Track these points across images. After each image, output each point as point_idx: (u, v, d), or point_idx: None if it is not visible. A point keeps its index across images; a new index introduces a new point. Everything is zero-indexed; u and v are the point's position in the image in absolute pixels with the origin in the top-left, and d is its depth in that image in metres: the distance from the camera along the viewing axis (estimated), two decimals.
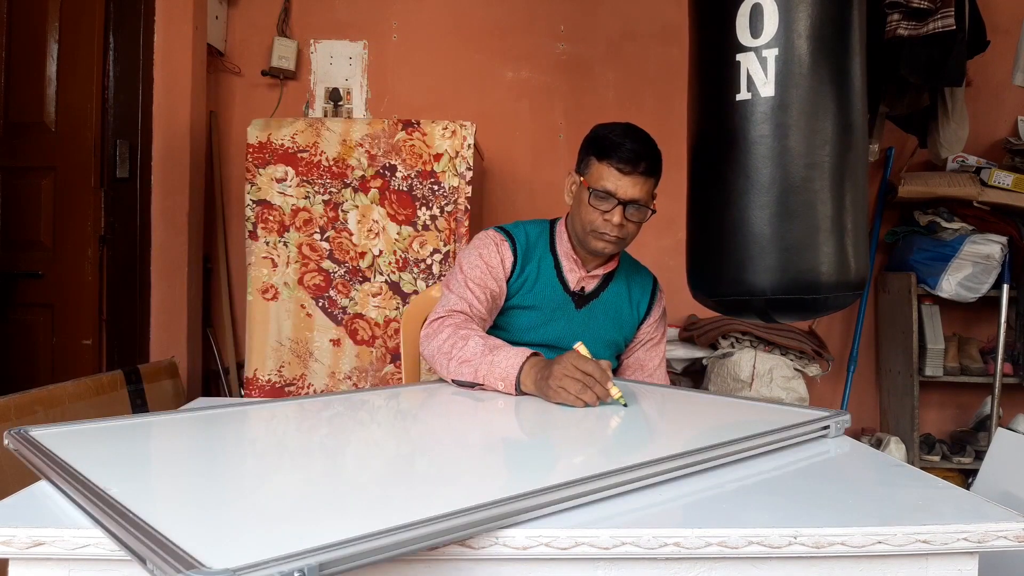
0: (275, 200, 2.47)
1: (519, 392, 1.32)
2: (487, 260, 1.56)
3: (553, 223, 1.67)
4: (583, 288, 1.62)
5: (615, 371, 1.73)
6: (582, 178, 1.54)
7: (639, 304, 1.67)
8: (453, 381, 1.41)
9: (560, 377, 1.22)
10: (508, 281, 1.58)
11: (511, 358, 1.33)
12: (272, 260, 2.48)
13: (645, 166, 1.47)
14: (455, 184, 2.45)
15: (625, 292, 1.66)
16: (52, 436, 0.91)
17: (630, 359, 1.72)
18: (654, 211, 1.54)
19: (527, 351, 1.35)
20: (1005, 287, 2.80)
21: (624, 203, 1.48)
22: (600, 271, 1.62)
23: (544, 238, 1.63)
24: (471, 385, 1.38)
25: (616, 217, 1.48)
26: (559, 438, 1.07)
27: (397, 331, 2.47)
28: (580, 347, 1.29)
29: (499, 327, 1.62)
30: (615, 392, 1.22)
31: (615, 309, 1.64)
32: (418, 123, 2.47)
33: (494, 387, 1.35)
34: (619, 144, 1.47)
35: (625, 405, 1.24)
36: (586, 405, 1.21)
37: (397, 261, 2.48)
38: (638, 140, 1.49)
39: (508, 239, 1.59)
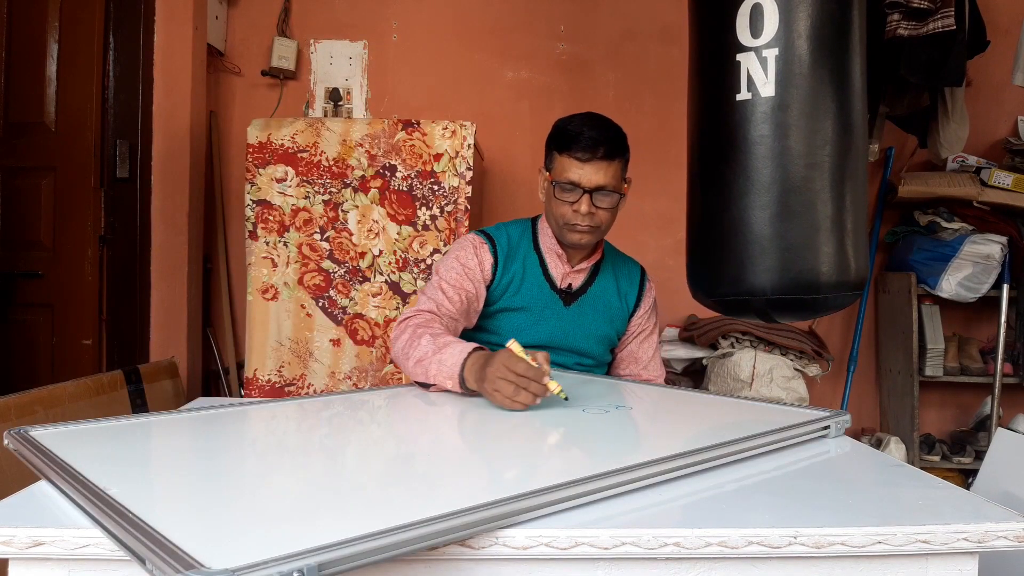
0: (275, 200, 2.47)
1: (466, 391, 1.26)
2: (463, 262, 1.56)
3: (535, 220, 1.67)
4: (570, 285, 1.61)
5: (609, 365, 1.73)
6: (548, 173, 1.55)
7: (627, 296, 1.67)
8: (415, 382, 1.38)
9: (493, 380, 1.16)
10: (491, 284, 1.57)
11: (455, 355, 1.27)
12: (272, 260, 2.48)
13: (604, 150, 1.47)
14: (455, 184, 2.45)
15: (613, 285, 1.66)
16: (52, 436, 0.91)
17: (624, 352, 1.72)
18: (623, 195, 1.54)
19: (470, 346, 1.29)
20: (1005, 287, 2.80)
21: (589, 191, 1.48)
22: (585, 264, 1.62)
23: (527, 237, 1.63)
24: (427, 386, 1.34)
25: (583, 206, 1.48)
26: (558, 438, 1.07)
27: None
28: (513, 344, 1.20)
29: (489, 331, 1.61)
30: (554, 387, 1.17)
31: (604, 303, 1.64)
32: (418, 123, 2.47)
33: (444, 387, 1.30)
34: (577, 134, 1.48)
35: (566, 399, 1.19)
36: (525, 407, 1.15)
37: (397, 261, 2.48)
38: (595, 127, 1.49)
39: (488, 241, 1.59)
